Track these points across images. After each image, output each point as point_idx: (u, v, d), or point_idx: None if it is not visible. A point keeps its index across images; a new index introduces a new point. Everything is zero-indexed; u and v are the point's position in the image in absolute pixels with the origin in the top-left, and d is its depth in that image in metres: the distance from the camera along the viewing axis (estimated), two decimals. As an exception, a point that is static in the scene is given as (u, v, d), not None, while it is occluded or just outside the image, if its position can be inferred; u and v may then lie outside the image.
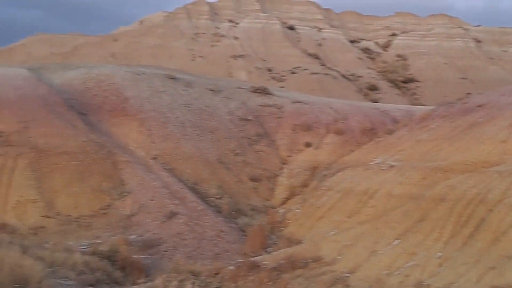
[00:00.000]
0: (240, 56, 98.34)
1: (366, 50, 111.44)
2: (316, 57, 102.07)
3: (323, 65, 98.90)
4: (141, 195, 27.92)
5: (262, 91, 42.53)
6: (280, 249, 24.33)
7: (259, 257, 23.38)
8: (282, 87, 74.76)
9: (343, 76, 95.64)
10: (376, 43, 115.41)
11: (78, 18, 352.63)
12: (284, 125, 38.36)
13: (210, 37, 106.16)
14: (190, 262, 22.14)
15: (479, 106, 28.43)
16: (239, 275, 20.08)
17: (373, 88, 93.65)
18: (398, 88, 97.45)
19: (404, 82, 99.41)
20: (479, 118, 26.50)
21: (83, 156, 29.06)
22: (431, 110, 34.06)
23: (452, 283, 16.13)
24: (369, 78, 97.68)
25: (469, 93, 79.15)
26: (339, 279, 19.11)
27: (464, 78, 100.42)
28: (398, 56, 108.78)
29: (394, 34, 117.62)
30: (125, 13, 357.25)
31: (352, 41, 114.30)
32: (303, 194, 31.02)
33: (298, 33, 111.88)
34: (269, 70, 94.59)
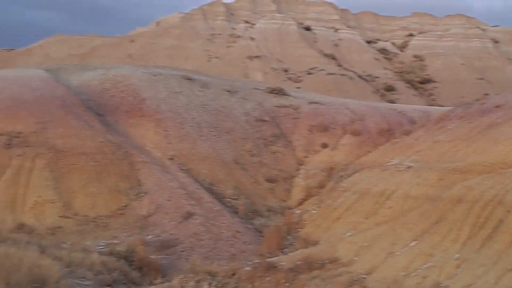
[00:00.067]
0: (256, 57, 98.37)
1: (383, 51, 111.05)
2: (332, 57, 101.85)
3: (339, 65, 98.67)
4: (158, 195, 28.02)
5: (278, 92, 42.51)
6: (297, 250, 24.29)
7: (275, 258, 23.37)
8: (298, 87, 74.71)
9: (360, 76, 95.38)
10: (393, 44, 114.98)
11: (95, 19, 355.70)
12: (300, 126, 38.31)
13: (226, 38, 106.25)
14: (206, 263, 22.20)
15: (497, 106, 28.20)
16: (256, 276, 20.09)
17: (390, 88, 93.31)
18: (415, 88, 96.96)
19: (421, 82, 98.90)
20: (497, 118, 26.28)
21: (101, 156, 29.22)
22: (449, 110, 33.87)
23: (470, 285, 16.02)
24: (386, 78, 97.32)
25: (487, 94, 78.65)
26: (356, 280, 19.04)
27: (482, 78, 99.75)
28: (415, 56, 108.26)
29: (411, 35, 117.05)
30: (142, 14, 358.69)
31: (368, 42, 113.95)
32: (320, 195, 30.96)
33: (314, 33, 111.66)
34: (285, 70, 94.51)
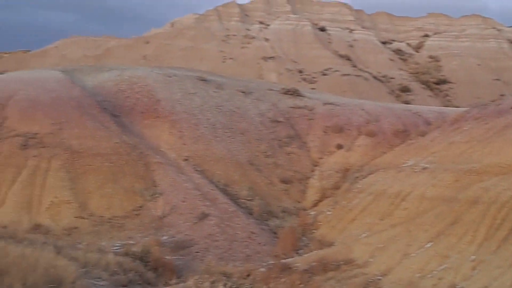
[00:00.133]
0: (271, 57, 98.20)
1: (398, 51, 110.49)
2: (347, 58, 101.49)
3: (354, 66, 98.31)
4: (173, 196, 28.10)
5: (293, 92, 42.49)
6: (312, 251, 24.29)
7: (290, 259, 23.38)
8: (313, 88, 74.52)
9: (375, 77, 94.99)
10: (408, 44, 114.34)
11: (111, 20, 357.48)
12: (315, 127, 38.27)
13: (241, 39, 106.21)
14: (221, 264, 22.27)
15: (513, 107, 28.05)
16: (271, 277, 20.11)
17: (405, 89, 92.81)
18: (431, 89, 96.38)
19: (437, 83, 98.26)
20: (513, 119, 26.13)
21: (116, 157, 29.36)
22: (464, 111, 33.69)
23: (486, 286, 15.93)
24: (401, 79, 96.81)
25: (503, 95, 78.09)
26: (371, 281, 19.00)
27: (498, 79, 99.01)
28: (431, 57, 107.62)
29: (427, 35, 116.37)
30: (157, 15, 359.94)
31: (384, 42, 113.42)
32: (335, 196, 30.92)
33: (329, 34, 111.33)
34: (300, 71, 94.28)
